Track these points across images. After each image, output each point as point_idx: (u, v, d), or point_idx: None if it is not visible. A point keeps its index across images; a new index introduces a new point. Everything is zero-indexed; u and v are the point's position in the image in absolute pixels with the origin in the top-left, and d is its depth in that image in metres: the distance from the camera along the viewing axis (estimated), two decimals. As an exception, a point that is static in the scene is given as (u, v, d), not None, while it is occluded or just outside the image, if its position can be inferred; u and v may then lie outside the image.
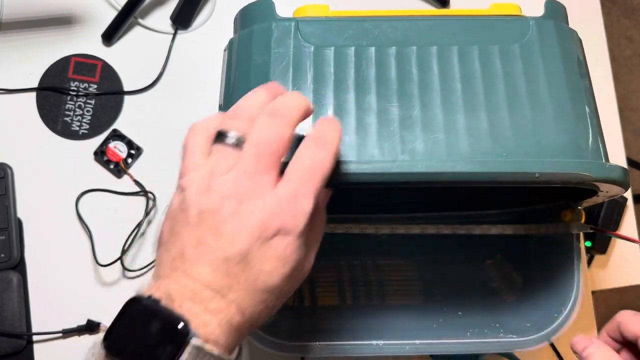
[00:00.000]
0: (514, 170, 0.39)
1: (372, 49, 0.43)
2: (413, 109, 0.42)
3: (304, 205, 0.33)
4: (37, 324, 0.62)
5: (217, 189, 0.34)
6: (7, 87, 0.67)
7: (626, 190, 0.42)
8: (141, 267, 0.63)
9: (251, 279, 0.33)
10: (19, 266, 0.62)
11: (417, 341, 0.49)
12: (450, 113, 0.41)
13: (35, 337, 0.61)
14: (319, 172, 0.34)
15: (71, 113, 0.67)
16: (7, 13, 0.69)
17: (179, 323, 0.30)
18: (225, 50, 0.48)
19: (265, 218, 0.33)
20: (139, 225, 0.63)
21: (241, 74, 0.44)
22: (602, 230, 0.62)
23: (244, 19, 0.47)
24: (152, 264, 0.63)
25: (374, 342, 0.49)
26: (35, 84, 0.67)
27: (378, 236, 0.55)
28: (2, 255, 0.62)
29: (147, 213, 0.64)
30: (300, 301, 0.57)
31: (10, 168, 0.65)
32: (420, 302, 0.57)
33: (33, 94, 0.67)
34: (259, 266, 0.33)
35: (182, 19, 0.69)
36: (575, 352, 0.43)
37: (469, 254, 0.59)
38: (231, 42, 0.47)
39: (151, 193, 0.65)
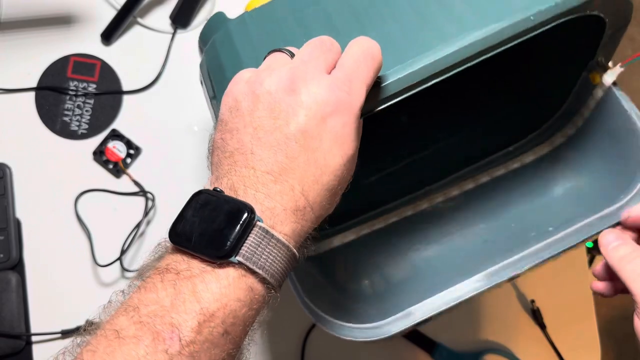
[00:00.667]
0: (510, 23, 0.38)
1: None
2: (387, 24, 0.41)
3: (358, 87, 0.34)
4: (36, 325, 0.62)
5: (271, 77, 0.34)
6: (6, 87, 0.67)
7: (631, 9, 0.40)
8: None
9: (312, 158, 0.33)
10: (18, 266, 0.62)
11: (514, 258, 0.47)
12: (420, 11, 0.40)
13: (34, 338, 0.61)
14: (370, 59, 0.35)
15: (70, 113, 0.66)
16: (7, 12, 0.69)
17: (244, 207, 0.31)
18: (200, 82, 0.47)
19: (322, 95, 0.33)
20: (138, 225, 0.63)
21: (221, 83, 0.43)
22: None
23: (204, 39, 0.47)
24: (152, 264, 0.63)
25: (474, 282, 0.47)
26: (34, 84, 0.67)
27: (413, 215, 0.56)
28: (1, 256, 0.62)
29: (146, 213, 0.64)
30: (376, 287, 0.56)
31: (9, 168, 0.64)
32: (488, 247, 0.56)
33: (32, 94, 0.67)
34: (318, 144, 0.33)
35: (182, 18, 0.69)
36: (601, 246, 0.43)
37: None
38: (201, 65, 0.46)
39: (150, 193, 0.64)
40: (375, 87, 0.38)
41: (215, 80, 0.44)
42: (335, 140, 0.33)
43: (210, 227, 0.31)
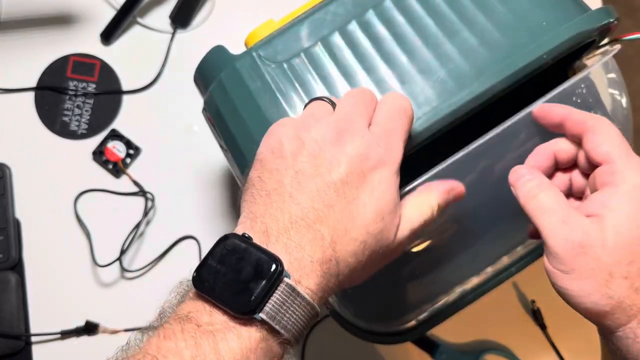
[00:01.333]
0: (524, 64, 0.40)
1: (336, 34, 0.43)
2: (402, 63, 0.42)
3: (396, 144, 0.35)
4: (36, 325, 0.61)
5: (317, 124, 0.34)
6: (5, 87, 0.66)
7: (615, 20, 0.43)
8: (140, 267, 0.63)
9: (347, 209, 0.32)
10: (17, 267, 0.62)
11: None
12: (437, 48, 0.42)
13: (33, 338, 0.61)
14: (403, 112, 0.36)
15: (70, 113, 0.66)
16: (6, 12, 0.69)
17: (273, 260, 0.30)
18: (203, 111, 0.47)
19: (364, 148, 0.33)
20: (137, 225, 0.63)
21: (236, 123, 0.43)
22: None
23: (205, 75, 0.46)
24: (152, 264, 0.63)
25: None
26: (33, 84, 0.67)
27: None
28: (1, 256, 0.61)
29: (145, 213, 0.64)
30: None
31: (9, 168, 0.64)
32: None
33: (31, 94, 0.67)
34: (355, 195, 0.32)
35: (181, 18, 0.69)
36: (511, 184, 0.38)
37: None
38: (207, 102, 0.46)
39: (150, 193, 0.64)
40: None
41: (232, 122, 0.43)
42: (371, 195, 0.33)
43: (236, 277, 0.30)
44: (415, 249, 0.46)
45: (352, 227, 0.32)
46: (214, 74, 0.44)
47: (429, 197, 0.37)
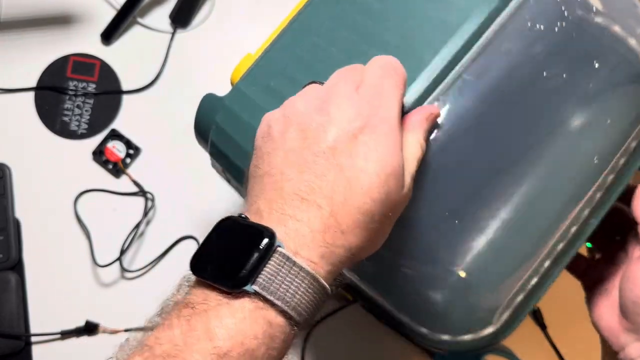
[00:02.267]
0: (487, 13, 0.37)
1: (305, 49, 0.43)
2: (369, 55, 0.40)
3: (390, 99, 0.32)
4: (36, 325, 0.61)
5: (302, 99, 0.34)
6: (5, 87, 0.66)
7: None
8: (140, 267, 0.63)
9: (341, 177, 0.30)
10: (17, 267, 0.62)
11: None
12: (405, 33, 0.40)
13: (33, 339, 0.61)
14: (392, 69, 0.34)
15: (70, 113, 0.66)
16: (6, 12, 0.69)
17: (264, 232, 0.29)
18: (212, 166, 0.47)
19: (351, 110, 0.32)
20: (137, 225, 0.63)
21: (242, 158, 0.42)
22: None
23: (203, 127, 0.46)
24: (152, 264, 0.63)
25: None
26: (33, 84, 0.67)
27: None
28: (1, 256, 0.61)
29: (145, 213, 0.64)
30: None
31: (9, 168, 0.64)
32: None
33: (31, 94, 0.67)
34: (349, 162, 0.31)
35: (181, 17, 0.69)
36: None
37: None
38: (212, 152, 0.46)
39: (150, 193, 0.64)
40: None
41: (238, 159, 0.43)
42: (367, 159, 0.31)
43: (228, 254, 0.29)
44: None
45: (351, 195, 0.30)
46: (210, 122, 0.45)
47: (415, 134, 0.35)
